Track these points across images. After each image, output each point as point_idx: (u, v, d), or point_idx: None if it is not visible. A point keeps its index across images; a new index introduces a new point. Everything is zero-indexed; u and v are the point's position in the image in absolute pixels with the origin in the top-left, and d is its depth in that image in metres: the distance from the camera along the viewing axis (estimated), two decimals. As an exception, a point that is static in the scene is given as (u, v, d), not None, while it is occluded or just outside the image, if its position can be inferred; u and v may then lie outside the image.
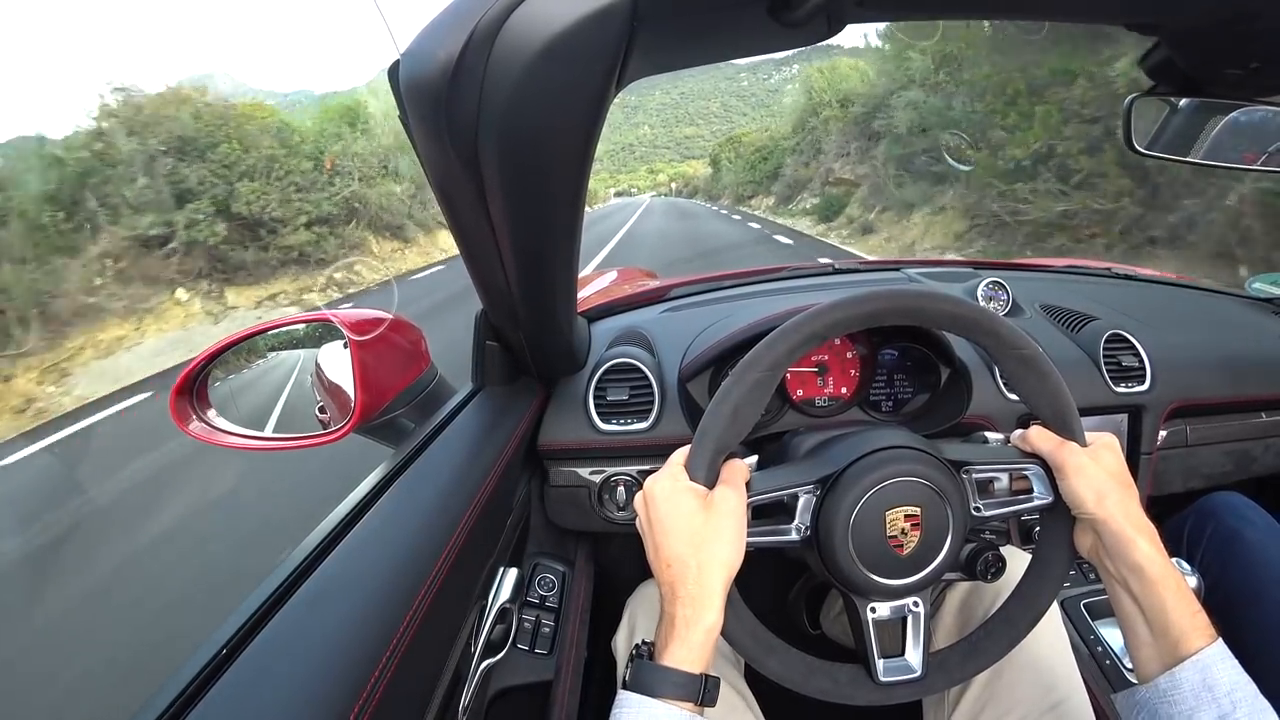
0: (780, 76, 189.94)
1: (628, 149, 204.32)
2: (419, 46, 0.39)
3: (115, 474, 4.09)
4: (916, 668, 0.58)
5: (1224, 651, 0.49)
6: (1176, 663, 0.48)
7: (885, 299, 0.56)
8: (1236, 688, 0.46)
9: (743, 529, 0.53)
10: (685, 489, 0.54)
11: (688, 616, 0.49)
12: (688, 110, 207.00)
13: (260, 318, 9.14)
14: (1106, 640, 0.88)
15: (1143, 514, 0.54)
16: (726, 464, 0.56)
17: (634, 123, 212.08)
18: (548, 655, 0.87)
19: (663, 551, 0.52)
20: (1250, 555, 0.88)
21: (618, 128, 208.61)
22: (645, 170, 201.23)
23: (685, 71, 0.58)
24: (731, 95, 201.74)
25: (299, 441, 0.84)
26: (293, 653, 0.45)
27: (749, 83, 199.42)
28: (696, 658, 0.49)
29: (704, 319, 1.06)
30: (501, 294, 0.68)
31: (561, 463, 0.97)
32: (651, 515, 0.54)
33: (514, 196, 0.49)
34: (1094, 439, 0.58)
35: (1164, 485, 1.08)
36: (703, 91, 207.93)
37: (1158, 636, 0.51)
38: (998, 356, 0.58)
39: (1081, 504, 0.55)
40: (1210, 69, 0.64)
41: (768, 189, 26.06)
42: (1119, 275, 1.45)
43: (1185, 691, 0.47)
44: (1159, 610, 0.50)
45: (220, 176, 10.61)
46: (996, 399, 0.97)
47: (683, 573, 0.50)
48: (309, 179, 12.09)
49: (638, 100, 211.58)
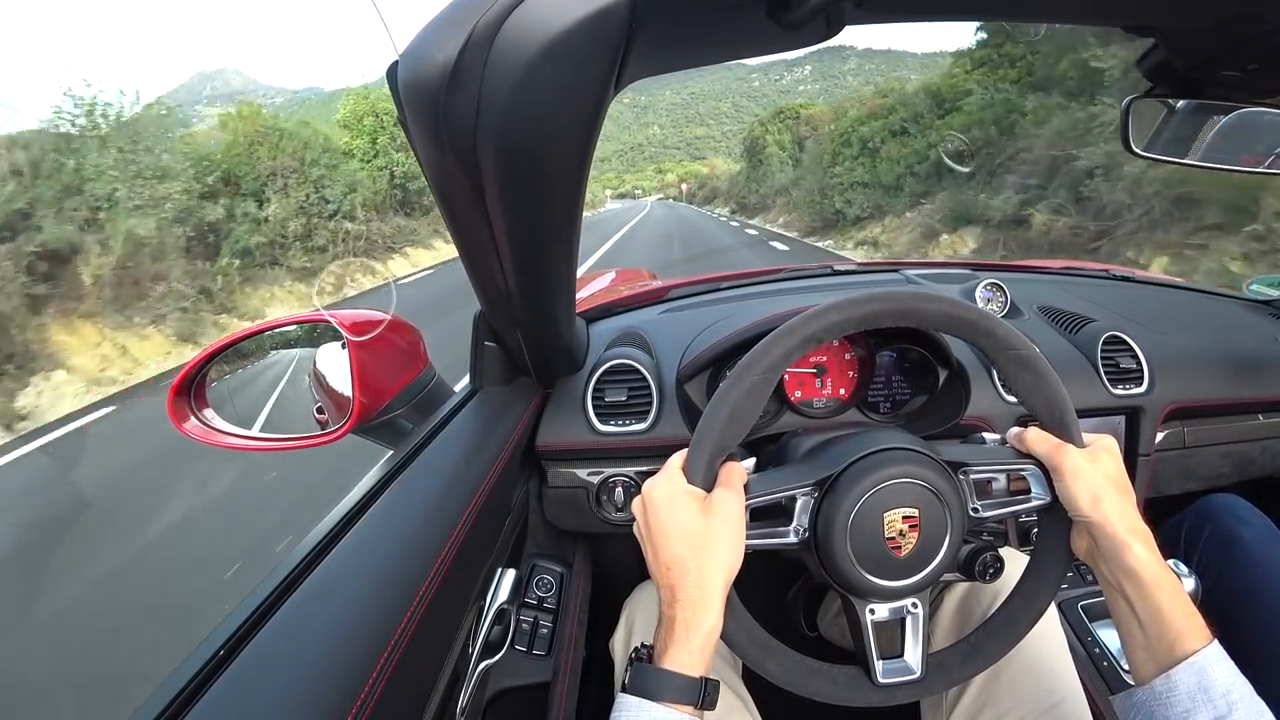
0: (792, 77, 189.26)
1: (636, 149, 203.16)
2: (417, 47, 0.39)
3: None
4: (916, 669, 0.58)
5: (1220, 653, 0.48)
6: (1172, 665, 0.48)
7: (882, 301, 0.56)
8: (1233, 689, 0.46)
9: (741, 531, 0.53)
10: (684, 492, 0.53)
11: (688, 620, 0.49)
12: (698, 110, 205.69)
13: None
14: (1104, 642, 0.89)
15: (1139, 518, 0.54)
16: (725, 466, 0.56)
17: (643, 123, 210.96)
18: (546, 656, 0.87)
19: (662, 555, 0.52)
20: (1248, 557, 0.88)
21: (627, 127, 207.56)
22: (653, 169, 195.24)
23: (695, 71, 0.58)
24: (743, 96, 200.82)
25: (297, 442, 0.84)
26: (291, 652, 0.45)
27: (760, 83, 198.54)
28: (696, 661, 0.49)
29: (702, 320, 1.06)
30: (500, 295, 0.68)
31: (560, 463, 0.97)
32: (650, 519, 0.54)
33: (512, 197, 0.49)
34: (1093, 440, 0.58)
35: (1161, 487, 1.09)
36: (713, 92, 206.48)
37: (1153, 639, 0.51)
38: (995, 357, 0.58)
39: (1077, 507, 0.55)
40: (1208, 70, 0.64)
41: (896, 208, 12.60)
42: (1117, 277, 1.45)
43: (1181, 694, 0.47)
44: (1154, 613, 0.51)
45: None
46: (995, 400, 0.97)
47: (682, 576, 0.50)
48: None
49: (648, 100, 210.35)
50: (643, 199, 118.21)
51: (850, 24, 0.49)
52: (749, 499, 0.56)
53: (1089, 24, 0.61)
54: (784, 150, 27.33)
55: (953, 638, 0.62)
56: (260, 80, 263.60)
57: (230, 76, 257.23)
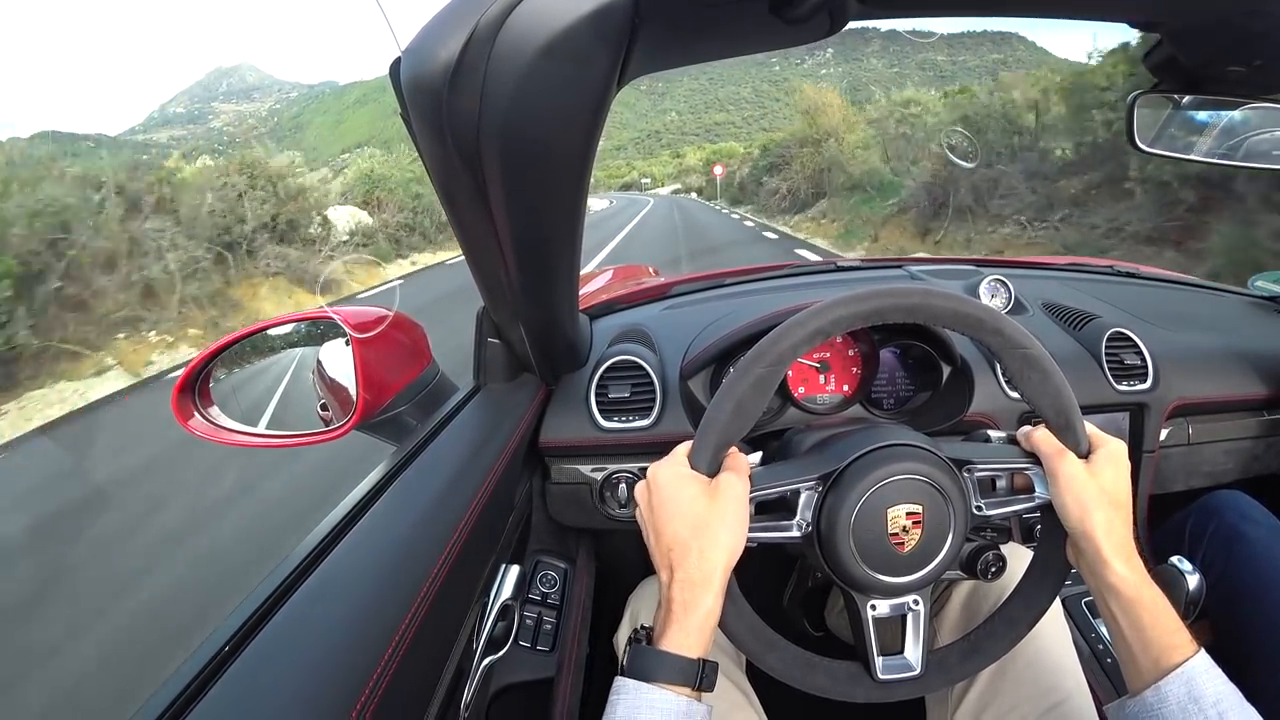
0: (814, 61, 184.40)
1: (653, 136, 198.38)
2: (420, 44, 0.39)
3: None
4: (916, 666, 0.58)
5: (1207, 663, 0.49)
6: (1160, 677, 0.49)
7: (890, 296, 0.56)
8: (1222, 698, 0.47)
9: (745, 514, 0.53)
10: (688, 475, 0.54)
11: (686, 600, 0.49)
12: (717, 96, 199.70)
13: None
14: (1108, 639, 0.89)
15: (1127, 534, 0.54)
16: (729, 455, 0.56)
17: (660, 109, 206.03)
18: (549, 652, 0.87)
19: (664, 536, 0.52)
20: (1253, 553, 0.88)
21: (644, 114, 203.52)
22: (669, 155, 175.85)
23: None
24: (763, 80, 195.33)
25: (301, 439, 0.85)
26: (295, 649, 0.45)
27: (781, 68, 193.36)
28: (693, 642, 0.49)
29: (706, 316, 1.06)
30: (503, 291, 0.68)
31: (563, 460, 0.97)
32: (654, 499, 0.54)
33: (515, 194, 0.49)
34: (1100, 444, 0.58)
35: (1165, 484, 1.08)
36: (733, 77, 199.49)
37: (1138, 653, 0.51)
38: (1001, 355, 0.58)
39: (1065, 517, 0.55)
40: (1213, 66, 0.64)
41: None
42: (1121, 273, 1.45)
43: (1172, 705, 0.48)
44: (1137, 629, 0.51)
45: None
46: (998, 397, 0.97)
47: (683, 555, 0.50)
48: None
49: (665, 86, 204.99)
50: (650, 190, 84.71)
51: (853, 19, 0.49)
52: (753, 491, 0.56)
53: (1095, 19, 0.60)
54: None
55: (958, 635, 0.63)
56: (275, 76, 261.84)
57: (246, 73, 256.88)
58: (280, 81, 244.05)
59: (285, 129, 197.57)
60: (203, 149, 50.22)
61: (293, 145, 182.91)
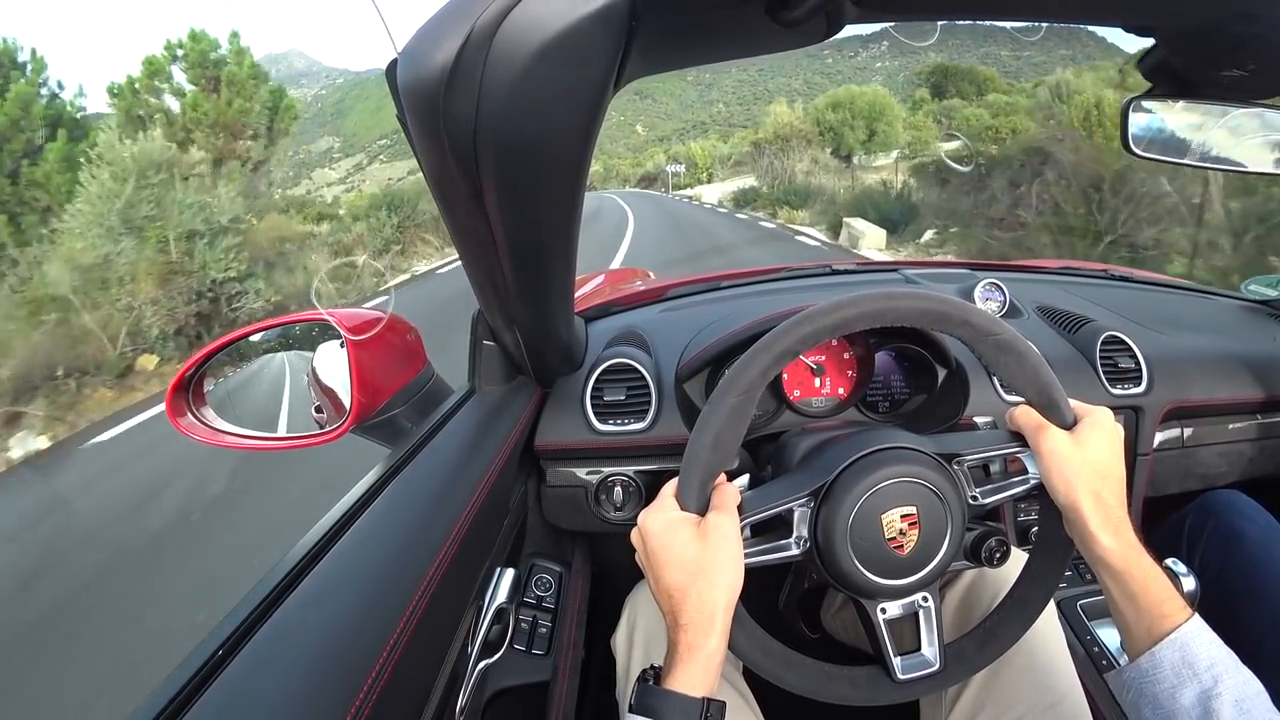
0: (868, 54, 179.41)
1: (698, 127, 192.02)
2: (416, 46, 0.39)
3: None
4: (934, 661, 0.58)
5: (1200, 627, 0.50)
6: (1154, 643, 0.50)
7: (851, 305, 0.56)
8: (1216, 662, 0.48)
9: (738, 551, 0.53)
10: (678, 520, 0.54)
11: (690, 643, 0.50)
12: (766, 87, 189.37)
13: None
14: (1103, 641, 0.89)
15: (1117, 505, 0.55)
16: (717, 489, 0.56)
17: (707, 100, 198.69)
18: (545, 656, 0.87)
19: (662, 583, 0.53)
20: (1250, 553, 0.88)
21: (690, 105, 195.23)
22: (717, 137, 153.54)
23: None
24: (815, 72, 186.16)
25: (295, 441, 0.84)
26: (290, 652, 0.45)
27: (834, 60, 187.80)
28: (699, 682, 0.49)
29: (701, 319, 1.06)
30: (498, 294, 0.68)
31: (558, 463, 0.97)
32: (648, 548, 0.55)
33: (511, 197, 0.49)
34: (1085, 413, 0.58)
35: (1161, 486, 1.09)
36: (783, 69, 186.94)
37: (1131, 621, 0.53)
38: (975, 345, 0.58)
39: (1054, 493, 0.56)
40: (1207, 71, 0.64)
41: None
42: (1115, 277, 1.45)
43: (1166, 670, 0.49)
44: (1129, 598, 0.53)
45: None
46: (995, 399, 0.97)
47: (682, 601, 0.51)
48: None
49: (712, 77, 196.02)
50: (683, 188, 40.54)
51: (850, 23, 0.49)
52: (746, 517, 0.56)
53: (1090, 23, 0.61)
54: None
55: (957, 632, 0.62)
56: (323, 62, 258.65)
57: (294, 59, 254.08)
58: (327, 68, 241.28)
59: (327, 114, 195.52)
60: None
61: (332, 131, 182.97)
